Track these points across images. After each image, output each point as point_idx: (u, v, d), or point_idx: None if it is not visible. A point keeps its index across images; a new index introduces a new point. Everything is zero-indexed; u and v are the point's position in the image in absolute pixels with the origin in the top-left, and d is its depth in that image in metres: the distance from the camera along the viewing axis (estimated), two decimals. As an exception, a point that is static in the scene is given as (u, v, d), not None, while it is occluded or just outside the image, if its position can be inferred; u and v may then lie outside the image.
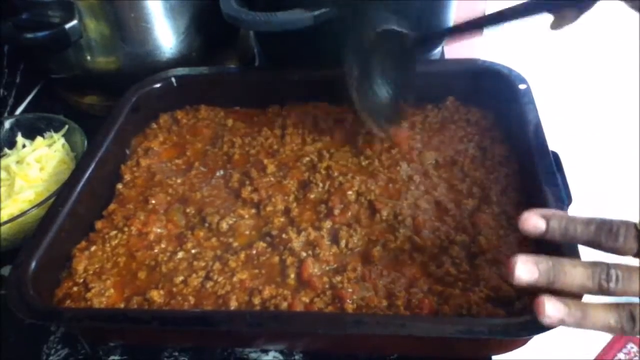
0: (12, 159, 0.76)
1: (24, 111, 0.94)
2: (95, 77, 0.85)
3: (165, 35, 0.83)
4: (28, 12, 0.77)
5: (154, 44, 0.82)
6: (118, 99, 0.74)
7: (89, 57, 0.82)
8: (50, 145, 0.77)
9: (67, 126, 0.78)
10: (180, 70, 0.79)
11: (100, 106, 0.89)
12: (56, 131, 0.79)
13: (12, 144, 0.79)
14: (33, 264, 0.54)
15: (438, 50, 0.88)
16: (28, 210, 0.65)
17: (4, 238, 0.65)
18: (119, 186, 0.68)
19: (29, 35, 0.76)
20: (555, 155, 0.61)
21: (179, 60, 0.84)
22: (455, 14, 0.82)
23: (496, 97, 0.70)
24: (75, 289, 0.57)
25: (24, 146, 0.78)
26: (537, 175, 0.57)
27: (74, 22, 0.76)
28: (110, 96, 0.87)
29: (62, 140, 0.78)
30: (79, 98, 0.91)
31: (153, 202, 0.65)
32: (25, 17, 0.77)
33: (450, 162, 0.65)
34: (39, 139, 0.78)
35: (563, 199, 0.55)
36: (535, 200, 0.56)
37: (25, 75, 1.00)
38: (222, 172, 0.68)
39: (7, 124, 0.80)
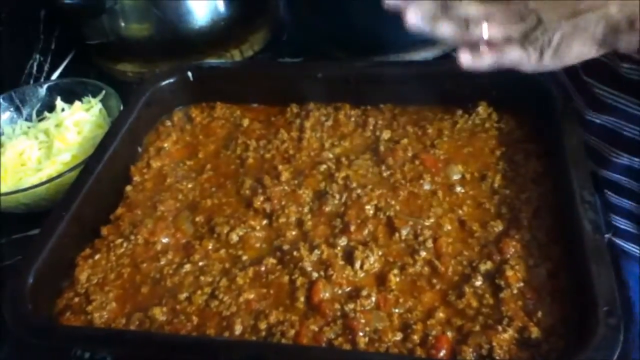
0: (51, 122, 0.78)
1: (59, 77, 0.96)
2: (128, 44, 0.88)
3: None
4: (65, -23, 0.79)
5: (187, 9, 0.84)
6: (135, 89, 0.72)
7: (123, 24, 0.85)
8: (87, 110, 0.79)
9: (104, 91, 0.80)
10: (198, 63, 0.75)
11: (132, 73, 0.91)
12: (93, 96, 0.80)
13: (50, 108, 0.81)
14: (31, 277, 0.52)
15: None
16: (65, 172, 0.67)
17: (43, 198, 0.67)
18: (128, 188, 0.65)
19: (67, 0, 0.79)
20: (595, 177, 0.55)
21: (208, 30, 0.86)
22: None
23: (534, 106, 0.64)
24: (76, 300, 0.55)
25: (62, 110, 0.80)
26: (573, 198, 0.52)
27: (110, -13, 0.78)
28: (143, 63, 0.90)
29: (100, 105, 0.80)
30: (112, 64, 0.93)
31: (162, 208, 0.62)
32: (62, -18, 0.79)
33: (479, 176, 0.60)
34: (77, 103, 0.80)
35: (601, 228, 0.49)
36: (569, 227, 0.51)
37: (60, 41, 1.01)
38: (234, 178, 0.65)
39: (45, 88, 0.83)
